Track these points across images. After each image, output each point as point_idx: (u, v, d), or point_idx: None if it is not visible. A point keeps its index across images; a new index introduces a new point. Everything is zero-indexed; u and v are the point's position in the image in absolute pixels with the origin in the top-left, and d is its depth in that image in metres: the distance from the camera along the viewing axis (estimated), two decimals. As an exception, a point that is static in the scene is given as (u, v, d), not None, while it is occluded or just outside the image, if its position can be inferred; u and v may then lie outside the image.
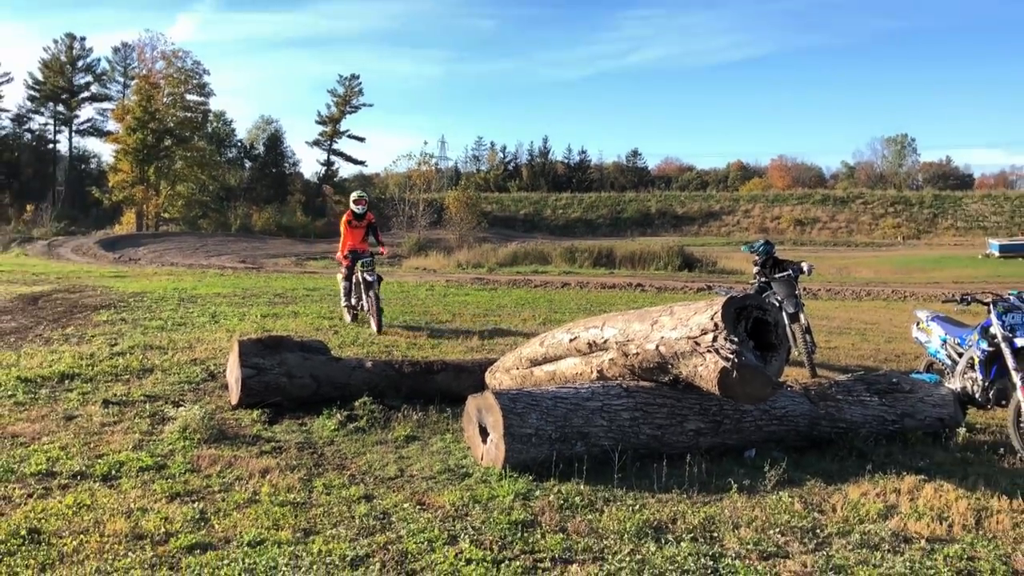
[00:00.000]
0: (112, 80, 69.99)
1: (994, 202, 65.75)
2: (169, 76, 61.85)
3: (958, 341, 7.17)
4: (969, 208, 65.19)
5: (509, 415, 5.43)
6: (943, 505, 4.94)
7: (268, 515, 4.55)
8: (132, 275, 22.72)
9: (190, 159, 60.33)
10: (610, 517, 4.62)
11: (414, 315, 13.88)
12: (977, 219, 63.11)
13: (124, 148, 57.62)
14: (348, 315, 12.62)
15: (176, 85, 61.71)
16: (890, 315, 16.32)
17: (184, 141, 60.17)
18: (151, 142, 57.40)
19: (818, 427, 6.24)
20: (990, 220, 62.32)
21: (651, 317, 5.80)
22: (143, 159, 57.19)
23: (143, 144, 56.90)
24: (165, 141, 58.87)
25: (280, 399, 6.93)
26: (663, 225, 66.18)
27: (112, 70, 69.70)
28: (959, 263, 37.31)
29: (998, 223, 61.25)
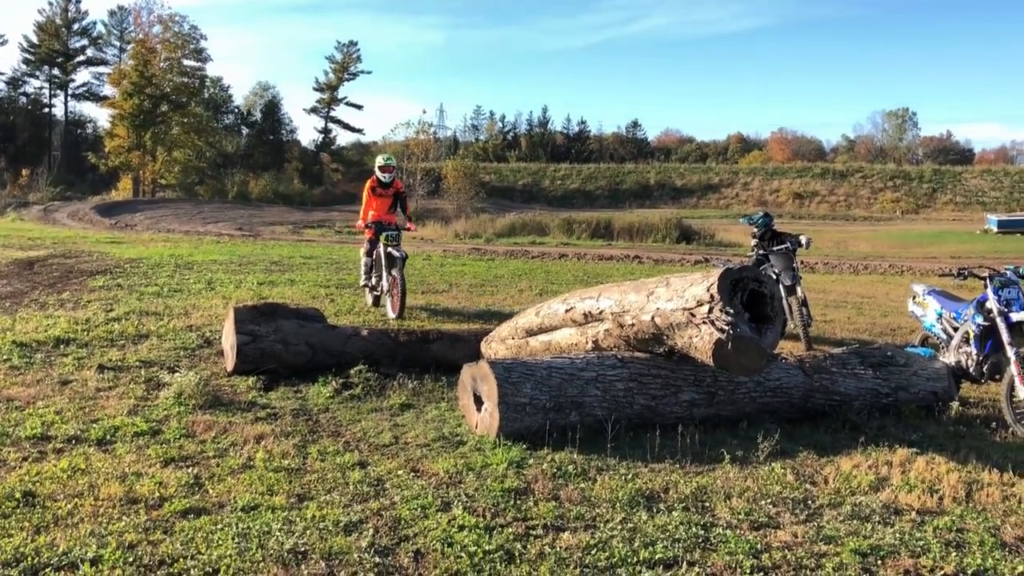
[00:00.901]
0: (108, 44, 69.35)
1: (993, 177, 65.64)
2: (166, 41, 61.32)
3: (954, 315, 7.19)
4: (968, 183, 65.08)
5: (504, 384, 5.44)
6: (934, 478, 4.98)
7: (262, 481, 4.57)
8: (128, 241, 22.67)
9: (187, 125, 59.96)
10: (603, 486, 4.65)
11: (411, 284, 13.84)
12: (976, 194, 63.01)
13: (120, 113, 57.21)
14: (369, 296, 11.12)
15: (173, 50, 61.20)
16: (887, 289, 16.34)
17: (181, 107, 59.75)
18: (148, 107, 56.99)
19: (812, 399, 6.27)
20: (989, 195, 62.23)
21: (647, 288, 5.80)
22: (139, 124, 56.81)
23: (139, 109, 56.50)
24: (162, 106, 58.46)
25: (275, 366, 6.95)
26: (662, 197, 66.02)
27: (108, 34, 69.05)
28: (957, 238, 37.30)
29: (997, 198, 61.17)
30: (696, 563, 3.71)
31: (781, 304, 8.75)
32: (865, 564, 3.76)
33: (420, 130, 58.03)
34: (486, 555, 3.70)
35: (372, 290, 11.01)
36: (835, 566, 3.72)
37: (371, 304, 10.90)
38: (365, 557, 3.66)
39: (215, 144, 64.04)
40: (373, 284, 10.95)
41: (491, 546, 3.78)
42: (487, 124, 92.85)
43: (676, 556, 3.76)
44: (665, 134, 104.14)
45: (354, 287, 13.11)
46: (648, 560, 3.71)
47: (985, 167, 72.66)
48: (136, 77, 56.48)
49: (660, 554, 3.76)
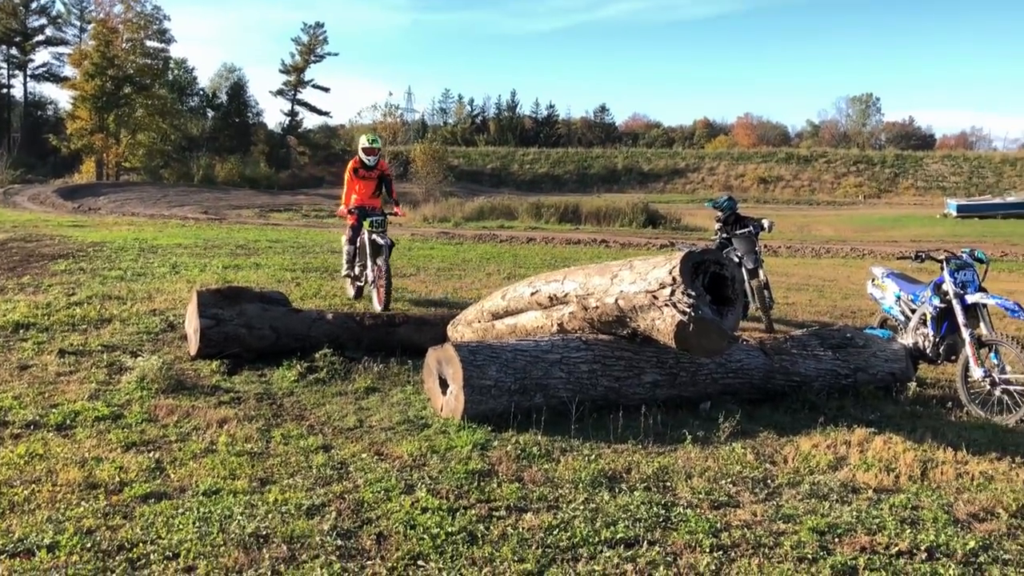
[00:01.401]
0: (68, 24, 67.89)
1: (954, 163, 66.58)
2: (128, 21, 60.22)
3: (911, 298, 7.29)
4: (929, 168, 65.95)
5: (469, 367, 5.44)
6: (891, 457, 5.05)
7: (225, 465, 4.54)
8: (91, 225, 22.30)
9: (151, 107, 58.97)
10: (566, 467, 4.66)
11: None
12: (937, 179, 63.89)
13: (82, 95, 56.15)
14: (351, 288, 10.30)
15: (135, 30, 60.12)
16: (848, 272, 16.54)
17: (144, 88, 58.74)
18: (110, 89, 55.99)
19: (772, 380, 6.33)
20: (949, 180, 63.14)
21: (611, 271, 5.81)
22: (102, 106, 55.82)
23: (102, 91, 55.50)
24: (125, 88, 57.44)
25: (239, 350, 6.88)
26: (629, 182, 66.20)
27: (68, 13, 67.59)
28: (918, 222, 37.84)
29: (957, 183, 62.09)
30: (657, 542, 3.74)
31: (742, 287, 8.84)
32: (822, 542, 3.81)
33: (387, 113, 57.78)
34: (448, 537, 3.70)
35: (355, 280, 10.24)
36: (793, 544, 3.77)
37: (353, 296, 10.16)
38: (327, 540, 3.64)
39: (180, 127, 63.09)
40: (356, 274, 10.19)
41: (454, 528, 3.79)
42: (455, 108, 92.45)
43: (637, 535, 3.79)
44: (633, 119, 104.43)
45: (320, 271, 13.03)
46: (609, 540, 3.73)
47: (946, 152, 73.67)
48: (97, 58, 55.43)
49: (621, 533, 3.79)
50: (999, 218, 40.33)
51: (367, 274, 9.78)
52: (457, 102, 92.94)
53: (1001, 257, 20.47)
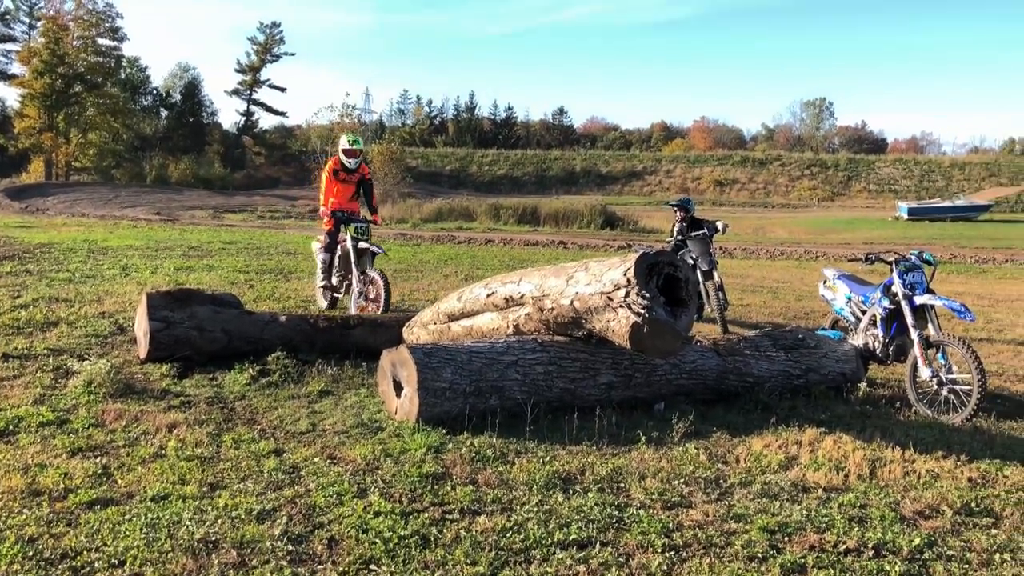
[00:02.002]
0: (16, 20, 66.38)
1: (905, 166, 67.90)
2: (79, 18, 59.06)
3: (862, 299, 7.41)
4: (881, 172, 67.19)
5: (423, 369, 5.41)
6: (841, 456, 5.13)
7: (174, 470, 4.46)
8: (39, 226, 21.84)
9: (102, 106, 57.91)
10: (520, 469, 4.66)
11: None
12: (888, 182, 65.13)
13: (31, 93, 54.98)
14: (323, 299, 9.64)
15: (86, 28, 58.97)
16: (802, 274, 16.79)
17: (96, 87, 57.68)
18: (60, 87, 54.90)
19: (726, 381, 6.40)
20: (901, 184, 64.39)
21: (567, 273, 5.83)
22: (51, 105, 54.71)
23: (51, 89, 54.39)
24: (75, 87, 56.35)
25: (190, 353, 6.77)
26: (587, 184, 66.53)
27: (16, 9, 66.06)
28: (870, 225, 38.55)
29: (908, 187, 63.35)
30: (609, 543, 3.75)
31: (696, 288, 8.91)
32: (772, 541, 3.85)
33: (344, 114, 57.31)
34: (401, 540, 3.68)
35: (332, 291, 9.53)
36: (744, 543, 3.80)
37: (326, 307, 9.52)
38: (278, 545, 3.60)
39: (132, 126, 62.06)
40: (335, 284, 9.49)
41: (406, 531, 3.76)
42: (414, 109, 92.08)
43: (590, 537, 3.80)
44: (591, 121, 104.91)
45: (275, 273, 12.90)
46: (562, 542, 3.74)
47: (897, 156, 75.14)
48: (47, 55, 54.32)
49: (574, 535, 3.80)
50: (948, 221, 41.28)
51: (354, 285, 9.03)
52: (415, 103, 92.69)
53: (950, 259, 20.93)
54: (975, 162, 67.94)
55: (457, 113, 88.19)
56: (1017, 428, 6.04)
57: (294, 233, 23.64)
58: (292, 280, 12.16)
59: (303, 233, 23.53)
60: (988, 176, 63.45)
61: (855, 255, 8.42)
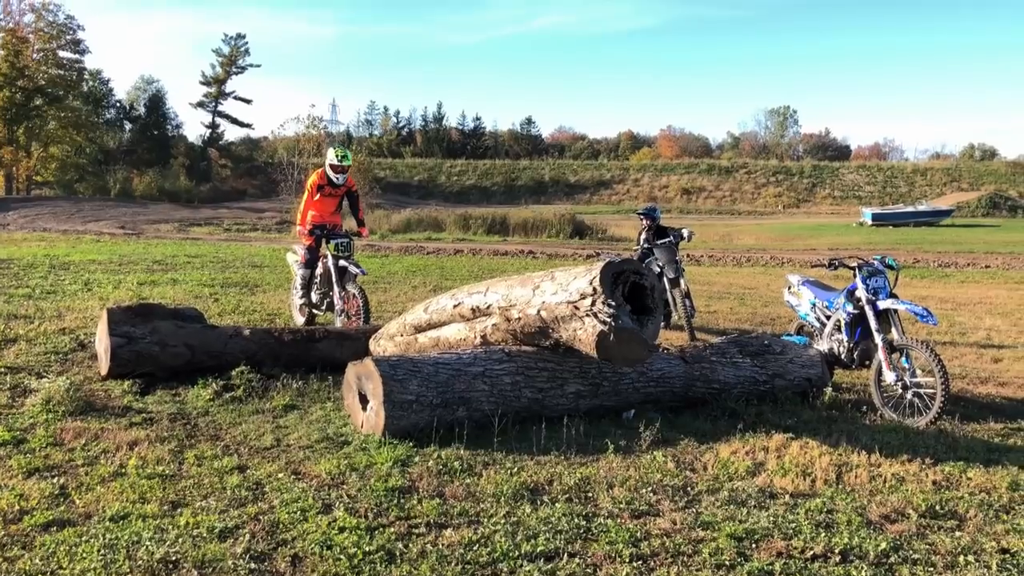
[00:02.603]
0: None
1: (868, 173, 68.84)
2: (39, 31, 58.21)
3: (826, 304, 7.46)
4: (845, 178, 68.03)
5: (389, 381, 5.36)
6: (807, 461, 5.15)
7: (134, 488, 4.37)
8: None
9: (64, 119, 57.13)
10: (488, 480, 4.63)
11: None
12: (852, 189, 65.94)
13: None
14: (300, 315, 9.35)
15: (47, 40, 58.16)
16: (768, 280, 16.92)
17: (57, 100, 56.88)
18: (20, 100, 54.09)
19: (693, 388, 6.41)
20: (864, 190, 65.23)
21: (533, 282, 5.81)
22: (11, 119, 53.88)
23: (11, 103, 53.58)
24: (36, 100, 55.53)
25: (152, 369, 6.67)
26: (556, 193, 66.68)
27: (-25, 22, 65.13)
28: (835, 231, 38.98)
29: (872, 193, 64.19)
30: (577, 554, 3.73)
31: (663, 296, 8.94)
32: (740, 548, 3.85)
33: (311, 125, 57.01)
34: (366, 556, 3.63)
35: (312, 307, 9.25)
36: (711, 551, 3.80)
37: (302, 323, 9.18)
38: (240, 564, 3.53)
39: (96, 140, 61.25)
40: (314, 302, 9.21)
41: (372, 547, 3.71)
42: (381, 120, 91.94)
43: (558, 548, 3.77)
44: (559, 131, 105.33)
45: (240, 286, 12.77)
46: (530, 553, 3.71)
47: (860, 163, 76.16)
48: (6, 68, 53.51)
49: (542, 547, 3.77)
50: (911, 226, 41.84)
51: (336, 303, 8.83)
52: (383, 114, 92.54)
53: (913, 264, 21.21)
54: (937, 168, 69.08)
55: (425, 123, 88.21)
56: (980, 430, 6.10)
57: (260, 246, 23.44)
58: (258, 293, 12.04)
59: (270, 246, 23.36)
60: (949, 181, 64.53)
61: (819, 261, 8.49)
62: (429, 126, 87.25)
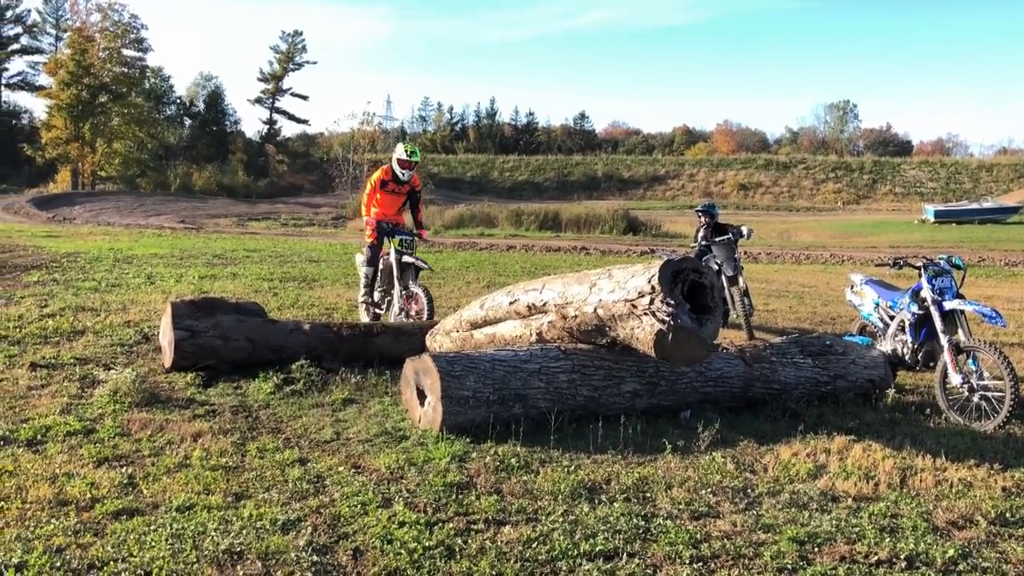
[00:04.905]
0: (43, 32, 67.41)
1: (931, 168, 67.18)
2: (104, 30, 59.69)
3: (890, 304, 7.32)
4: (907, 174, 66.52)
5: (446, 377, 5.40)
6: (870, 464, 5.06)
7: (199, 480, 4.47)
8: (66, 235, 22.08)
9: (127, 116, 58.48)
10: (545, 478, 4.64)
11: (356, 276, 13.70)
12: (914, 185, 64.46)
13: (57, 104, 55.63)
14: (365, 314, 9.26)
15: (112, 39, 59.60)
16: (828, 278, 16.64)
17: (121, 97, 58.25)
18: (86, 98, 55.51)
19: (752, 388, 6.34)
20: (926, 186, 63.71)
21: (590, 280, 5.80)
22: (78, 115, 55.33)
23: (77, 100, 55.02)
24: (101, 97, 56.96)
25: (215, 362, 6.81)
26: (609, 189, 66.38)
27: (43, 21, 67.09)
28: (896, 228, 38.15)
29: (934, 189, 62.65)
30: (636, 554, 3.72)
31: (721, 294, 8.84)
32: (802, 552, 3.80)
33: (365, 121, 57.58)
34: (426, 551, 3.67)
35: (374, 307, 9.19)
36: (773, 554, 3.76)
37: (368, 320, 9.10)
38: (303, 556, 3.60)
39: (157, 135, 62.63)
40: (376, 300, 9.19)
41: (431, 542, 3.75)
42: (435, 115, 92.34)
43: (616, 548, 3.77)
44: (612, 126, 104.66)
45: (298, 280, 12.96)
46: (588, 552, 3.71)
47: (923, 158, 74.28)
48: (73, 67, 54.95)
49: (601, 546, 3.77)
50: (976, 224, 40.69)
51: (394, 301, 8.86)
52: (436, 110, 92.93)
53: (978, 263, 20.66)
54: (1003, 163, 67.08)
55: (478, 119, 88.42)
56: (1051, 435, 5.93)
57: (317, 241, 23.77)
58: (315, 288, 12.21)
59: (326, 241, 23.67)
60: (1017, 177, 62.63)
61: (882, 260, 8.33)
62: (482, 122, 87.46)
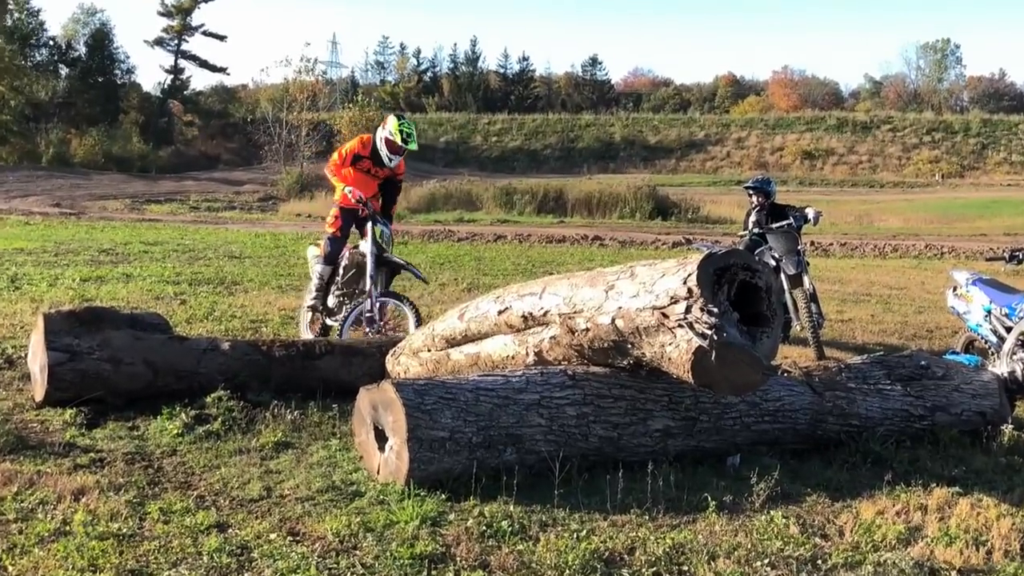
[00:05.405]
0: None
1: (1060, 129, 67.55)
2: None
3: (1006, 311, 7.37)
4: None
5: (415, 413, 5.40)
6: (981, 526, 5.09)
7: (82, 552, 4.46)
8: (-100, 224, 22.03)
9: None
10: (547, 547, 4.64)
11: (292, 278, 13.73)
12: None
13: None
14: (306, 329, 9.33)
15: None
16: (922, 277, 16.74)
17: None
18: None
19: (823, 425, 6.37)
20: (1054, 153, 64.08)
21: (605, 281, 5.82)
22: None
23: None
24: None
25: (102, 393, 6.80)
26: (630, 158, 66.64)
27: None
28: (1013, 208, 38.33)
29: (1064, 157, 63.05)
30: (670, 648, 3.73)
31: (781, 299, 8.87)
32: (891, 642, 3.82)
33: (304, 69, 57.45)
34: (388, 646, 3.67)
35: (324, 315, 9.18)
36: (852, 646, 3.78)
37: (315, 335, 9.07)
38: (223, 654, 3.60)
39: (21, 89, 62.44)
40: (331, 306, 9.11)
41: (395, 634, 3.76)
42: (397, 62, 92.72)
43: (643, 639, 3.78)
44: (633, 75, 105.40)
45: (214, 283, 12.96)
46: (606, 646, 3.72)
47: (1049, 116, 74.70)
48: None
49: (622, 638, 3.78)
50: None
51: (368, 307, 8.72)
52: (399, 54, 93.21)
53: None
54: None
55: (455, 67, 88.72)
56: None
57: (239, 230, 23.77)
58: (237, 293, 12.22)
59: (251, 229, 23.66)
60: None
61: (995, 252, 8.38)
62: (460, 70, 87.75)
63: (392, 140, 8.99)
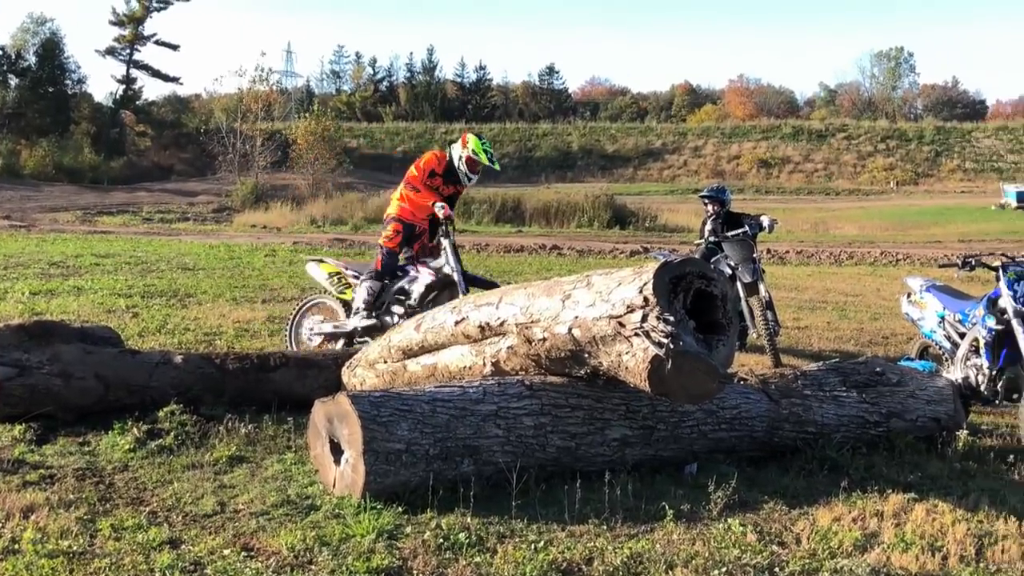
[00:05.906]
0: None
1: (1011, 136, 68.57)
2: None
3: (959, 318, 7.43)
4: (980, 144, 67.87)
5: (371, 425, 5.38)
6: (937, 531, 5.13)
7: (32, 571, 4.41)
8: None
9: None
10: (505, 559, 4.64)
11: (247, 290, 13.66)
12: (990, 158, 65.76)
13: None
14: None
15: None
16: (877, 284, 16.90)
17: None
18: None
19: (780, 432, 6.40)
20: (1006, 160, 65.03)
21: (562, 291, 5.82)
22: None
23: None
24: None
25: (52, 409, 6.73)
26: (588, 167, 66.89)
27: None
28: (967, 216, 38.86)
29: (1016, 164, 63.89)
30: (628, 658, 3.74)
31: (737, 307, 8.93)
32: (848, 649, 3.85)
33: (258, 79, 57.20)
34: (344, 661, 3.65)
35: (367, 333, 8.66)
36: (809, 654, 3.80)
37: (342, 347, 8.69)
38: (175, 672, 3.56)
39: (-32, 99, 61.85)
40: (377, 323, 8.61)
41: (351, 649, 3.73)
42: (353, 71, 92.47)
43: (601, 650, 3.78)
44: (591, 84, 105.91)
45: (168, 296, 12.86)
46: (564, 658, 3.72)
47: (1001, 123, 75.70)
48: None
49: (580, 649, 3.78)
50: (1072, 209, 41.56)
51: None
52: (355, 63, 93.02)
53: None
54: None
55: (411, 75, 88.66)
56: None
57: (192, 241, 23.60)
58: (191, 306, 12.13)
59: (205, 241, 23.50)
60: (1126, 148, 64.20)
61: (949, 258, 8.47)
62: (417, 79, 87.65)
63: (475, 159, 9.03)
